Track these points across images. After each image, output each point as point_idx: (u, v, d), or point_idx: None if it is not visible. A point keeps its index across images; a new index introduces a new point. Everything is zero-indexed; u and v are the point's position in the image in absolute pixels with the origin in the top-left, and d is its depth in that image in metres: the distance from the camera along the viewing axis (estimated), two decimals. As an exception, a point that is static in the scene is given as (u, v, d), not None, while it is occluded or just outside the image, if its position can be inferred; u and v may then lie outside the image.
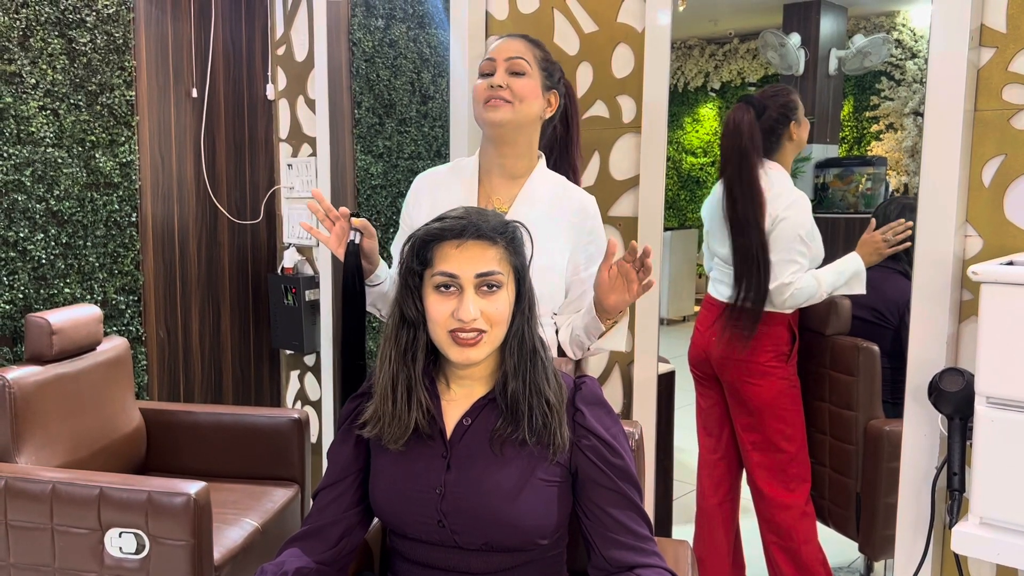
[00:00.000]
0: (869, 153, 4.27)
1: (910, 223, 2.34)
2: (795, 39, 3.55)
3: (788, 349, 2.37)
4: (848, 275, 2.32)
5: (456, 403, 1.32)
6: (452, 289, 1.24)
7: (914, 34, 4.16)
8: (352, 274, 1.65)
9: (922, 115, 1.97)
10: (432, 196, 1.79)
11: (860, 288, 2.33)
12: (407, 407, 1.27)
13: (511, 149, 1.73)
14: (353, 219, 1.63)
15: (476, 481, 1.26)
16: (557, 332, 1.79)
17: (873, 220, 2.39)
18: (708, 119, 4.96)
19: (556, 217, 1.73)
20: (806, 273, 2.30)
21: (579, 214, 1.75)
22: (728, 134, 2.38)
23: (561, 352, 1.79)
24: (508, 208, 1.74)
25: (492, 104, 1.67)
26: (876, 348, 2.36)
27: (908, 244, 2.34)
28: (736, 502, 2.58)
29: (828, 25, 3.63)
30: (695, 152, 5.08)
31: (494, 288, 1.25)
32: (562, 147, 1.90)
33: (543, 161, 1.80)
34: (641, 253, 1.52)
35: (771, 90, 2.49)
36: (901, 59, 4.17)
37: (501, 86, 1.66)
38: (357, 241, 1.64)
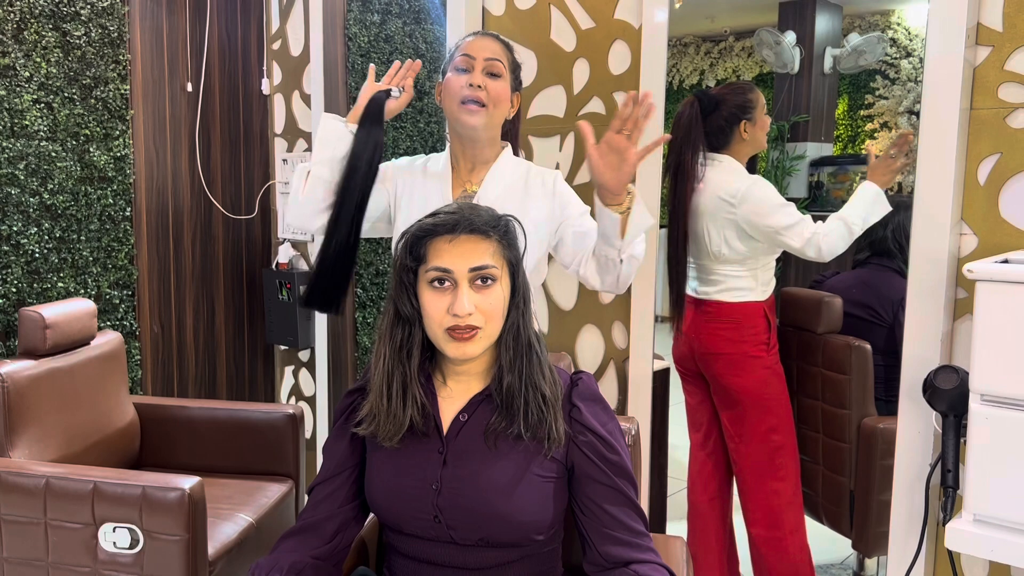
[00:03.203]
0: (863, 151, 4.28)
1: (909, 132, 2.31)
2: (790, 37, 3.56)
3: (766, 337, 2.36)
4: (870, 201, 2.25)
5: (453, 399, 1.32)
6: (447, 284, 1.24)
7: (909, 33, 4.17)
8: (372, 140, 1.71)
9: (916, 114, 1.98)
10: (409, 188, 1.80)
11: (886, 206, 2.25)
12: (402, 404, 1.27)
13: (479, 143, 1.76)
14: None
15: (472, 476, 1.26)
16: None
17: (871, 152, 2.33)
18: (703, 117, 4.96)
19: (525, 189, 1.77)
20: (826, 221, 2.25)
21: (547, 185, 1.78)
22: (672, 127, 2.42)
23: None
24: (478, 188, 1.76)
25: (469, 108, 1.69)
26: (868, 346, 2.37)
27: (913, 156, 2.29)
28: (728, 498, 2.58)
29: (823, 24, 3.64)
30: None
31: (488, 282, 1.24)
32: (510, 137, 1.92)
33: (509, 149, 1.83)
34: (636, 103, 1.45)
35: (730, 87, 2.48)
36: (896, 58, 4.18)
37: (480, 86, 1.68)
38: (396, 95, 1.71)
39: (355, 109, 1.73)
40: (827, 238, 2.22)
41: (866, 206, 2.24)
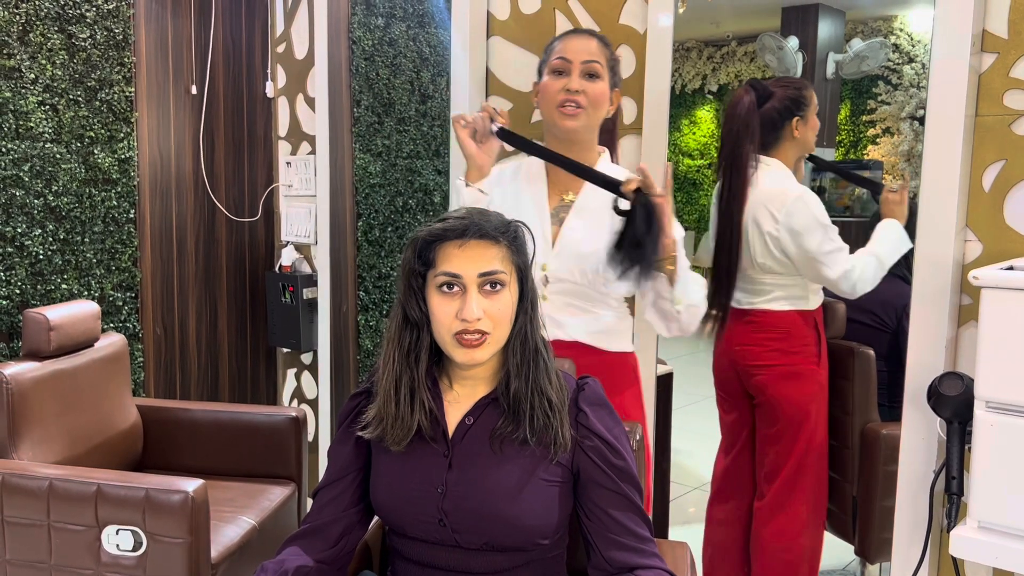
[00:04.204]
0: (865, 157, 4.28)
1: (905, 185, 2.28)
2: (793, 42, 3.56)
3: (816, 349, 2.26)
4: (897, 239, 2.18)
5: (458, 403, 1.32)
6: (455, 289, 1.24)
7: (912, 39, 4.17)
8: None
9: (919, 119, 1.98)
10: (501, 191, 1.78)
11: (908, 243, 2.16)
12: (410, 409, 1.27)
13: (578, 147, 1.74)
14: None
15: (477, 480, 1.26)
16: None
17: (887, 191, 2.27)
18: (705, 121, 4.97)
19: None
20: (855, 255, 2.15)
21: None
22: (727, 116, 2.31)
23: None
24: (576, 197, 1.75)
25: (567, 111, 1.68)
26: (871, 352, 2.36)
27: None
28: (751, 513, 2.52)
29: (826, 29, 3.64)
30: (692, 154, 5.08)
31: (497, 287, 1.25)
32: (607, 130, 1.90)
33: (607, 155, 1.81)
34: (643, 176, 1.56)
35: (785, 79, 2.37)
36: (898, 63, 4.18)
37: (579, 91, 1.67)
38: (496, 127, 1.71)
39: (476, 169, 1.73)
40: (862, 274, 2.13)
41: (895, 244, 2.18)
